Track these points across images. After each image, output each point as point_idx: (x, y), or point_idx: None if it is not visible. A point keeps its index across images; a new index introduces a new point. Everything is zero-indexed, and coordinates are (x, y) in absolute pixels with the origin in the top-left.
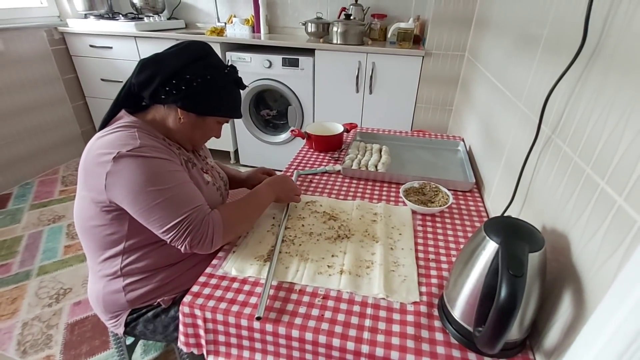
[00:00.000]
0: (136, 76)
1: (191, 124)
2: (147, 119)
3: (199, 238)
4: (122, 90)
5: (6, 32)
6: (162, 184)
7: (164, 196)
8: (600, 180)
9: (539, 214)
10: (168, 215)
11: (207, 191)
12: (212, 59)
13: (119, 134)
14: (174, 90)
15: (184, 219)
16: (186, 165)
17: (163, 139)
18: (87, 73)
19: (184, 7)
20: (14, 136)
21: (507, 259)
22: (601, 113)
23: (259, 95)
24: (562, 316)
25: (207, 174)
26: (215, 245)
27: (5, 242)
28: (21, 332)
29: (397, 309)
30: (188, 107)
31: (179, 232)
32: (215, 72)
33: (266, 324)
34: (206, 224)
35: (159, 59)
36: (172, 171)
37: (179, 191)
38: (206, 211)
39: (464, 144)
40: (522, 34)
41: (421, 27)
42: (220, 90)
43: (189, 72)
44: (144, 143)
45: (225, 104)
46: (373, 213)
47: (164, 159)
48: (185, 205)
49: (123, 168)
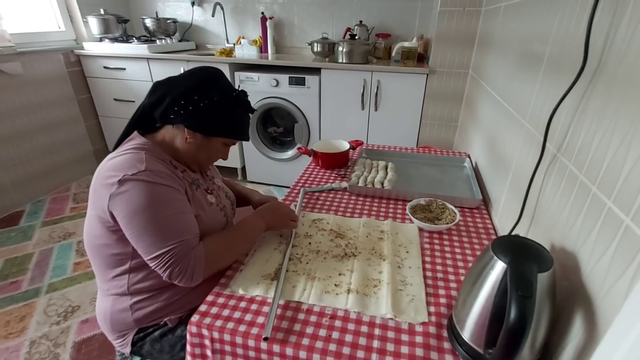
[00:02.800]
0: (149, 97)
1: (197, 145)
2: (157, 140)
3: (179, 272)
4: (137, 112)
5: (26, 56)
6: (156, 212)
7: (154, 224)
8: (606, 200)
9: (547, 233)
10: (154, 244)
11: (209, 212)
12: (221, 82)
13: (127, 157)
14: (181, 111)
15: (167, 251)
16: (190, 187)
17: (170, 161)
18: (100, 93)
19: (195, 29)
20: (29, 154)
21: (516, 280)
22: (605, 131)
23: (266, 113)
24: (574, 338)
25: (212, 195)
26: (196, 280)
27: (16, 259)
28: (29, 350)
29: (406, 330)
30: (194, 127)
31: (161, 263)
32: (223, 94)
33: (273, 345)
34: (188, 259)
35: (171, 81)
36: (170, 200)
37: (170, 222)
38: (191, 245)
39: (470, 160)
40: (524, 52)
41: (425, 46)
42: (227, 112)
43: (197, 93)
44: (150, 167)
45: (231, 126)
46: (380, 231)
47: (166, 186)
48: (173, 237)
49: (125, 191)
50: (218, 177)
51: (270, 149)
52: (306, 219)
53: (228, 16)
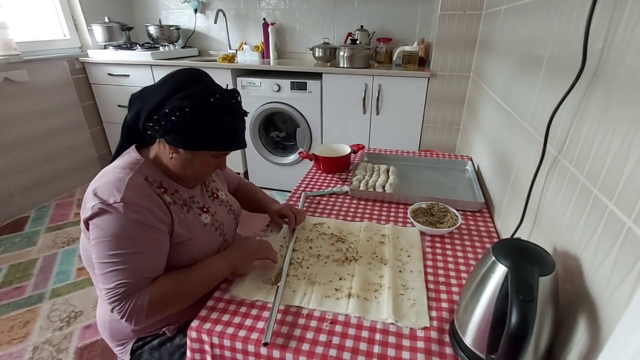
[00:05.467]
0: (128, 111)
1: (182, 160)
2: (151, 156)
3: (119, 312)
4: (123, 128)
5: (32, 63)
6: (115, 248)
7: (110, 260)
8: (608, 202)
9: (549, 236)
10: (104, 278)
11: (202, 234)
12: (196, 87)
13: (111, 179)
14: (156, 126)
15: (112, 288)
16: (181, 210)
17: (160, 182)
18: (104, 100)
19: (198, 36)
20: (34, 160)
21: (517, 283)
22: (606, 133)
23: (268, 117)
24: (578, 343)
25: (207, 214)
26: (138, 323)
27: (20, 265)
28: (32, 356)
29: (407, 335)
30: (173, 142)
31: (106, 298)
32: (196, 102)
33: (273, 350)
34: (129, 303)
35: (144, 93)
36: (135, 237)
37: (127, 259)
38: (138, 288)
39: (472, 164)
40: (524, 55)
41: (426, 50)
42: (205, 122)
43: (168, 105)
44: (126, 198)
45: (213, 136)
46: (381, 234)
47: (136, 222)
48: (121, 276)
49: (97, 219)
50: (223, 189)
51: (272, 153)
52: (307, 223)
53: (230, 22)
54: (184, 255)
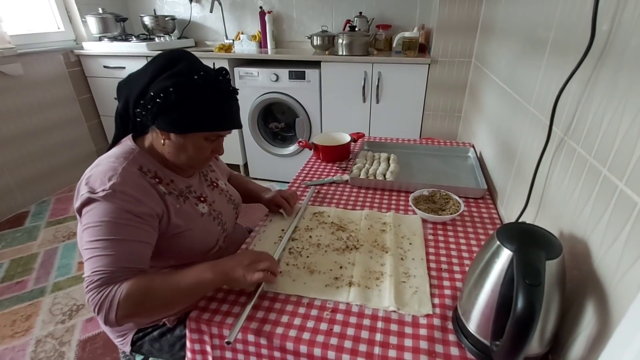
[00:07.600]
0: (118, 101)
1: (174, 145)
2: (146, 145)
3: (92, 303)
4: (116, 118)
5: (26, 57)
6: (98, 234)
7: (92, 246)
8: (618, 182)
9: (555, 219)
10: (86, 265)
11: (200, 223)
12: (180, 66)
13: (104, 169)
14: (143, 112)
15: (89, 275)
16: (177, 200)
17: (155, 172)
18: (101, 93)
19: (193, 26)
20: (32, 155)
21: (523, 268)
22: (615, 111)
23: (267, 108)
24: (585, 328)
25: (204, 203)
26: (107, 322)
27: (21, 260)
28: (34, 349)
29: (409, 322)
30: (162, 127)
31: (85, 287)
32: (180, 81)
33: (273, 339)
34: (102, 292)
35: (131, 79)
36: (118, 224)
37: (108, 245)
38: (114, 279)
39: (475, 150)
40: (528, 38)
41: (426, 36)
42: (192, 101)
43: (153, 87)
44: (116, 186)
45: (202, 116)
46: (382, 223)
47: (124, 210)
48: (99, 263)
49: (86, 208)
50: (223, 178)
51: (271, 144)
52: (307, 213)
53: (226, 12)
54: (182, 245)
